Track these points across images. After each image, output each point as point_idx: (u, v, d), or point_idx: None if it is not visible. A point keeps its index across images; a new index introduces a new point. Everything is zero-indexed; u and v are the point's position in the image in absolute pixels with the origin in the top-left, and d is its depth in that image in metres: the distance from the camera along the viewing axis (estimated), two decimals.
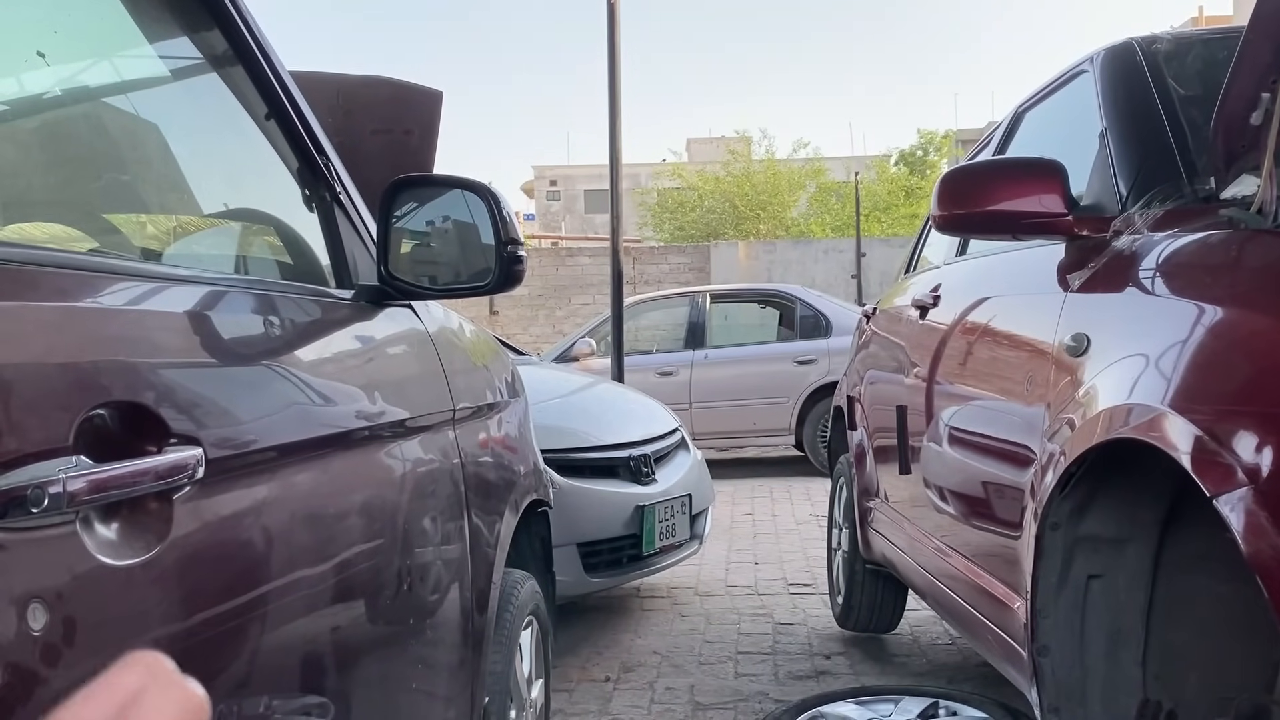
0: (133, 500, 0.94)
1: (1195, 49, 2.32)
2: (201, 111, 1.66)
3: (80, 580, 0.87)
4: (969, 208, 2.19)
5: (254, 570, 1.14)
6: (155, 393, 1.00)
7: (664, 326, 9.83)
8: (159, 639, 0.96)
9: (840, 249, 16.78)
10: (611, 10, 7.20)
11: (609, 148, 7.39)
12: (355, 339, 1.61)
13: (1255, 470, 1.25)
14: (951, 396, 2.69)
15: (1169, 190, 1.99)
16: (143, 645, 0.94)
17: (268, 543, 1.17)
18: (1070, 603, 1.85)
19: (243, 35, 1.47)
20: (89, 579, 0.88)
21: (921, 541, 2.93)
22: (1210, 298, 1.60)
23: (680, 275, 16.09)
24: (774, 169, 28.83)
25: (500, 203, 1.75)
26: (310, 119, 1.62)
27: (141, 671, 0.24)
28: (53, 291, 0.96)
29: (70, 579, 0.86)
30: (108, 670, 0.23)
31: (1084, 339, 1.87)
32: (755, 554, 5.69)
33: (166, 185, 1.66)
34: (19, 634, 0.79)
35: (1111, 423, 1.61)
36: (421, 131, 2.82)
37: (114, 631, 0.91)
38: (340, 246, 1.68)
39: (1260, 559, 1.22)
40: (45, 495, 0.82)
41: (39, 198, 1.41)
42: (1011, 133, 3.10)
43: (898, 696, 3.19)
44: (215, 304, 1.23)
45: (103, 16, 1.43)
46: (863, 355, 4.00)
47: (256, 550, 1.15)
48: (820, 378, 8.70)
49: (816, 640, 4.11)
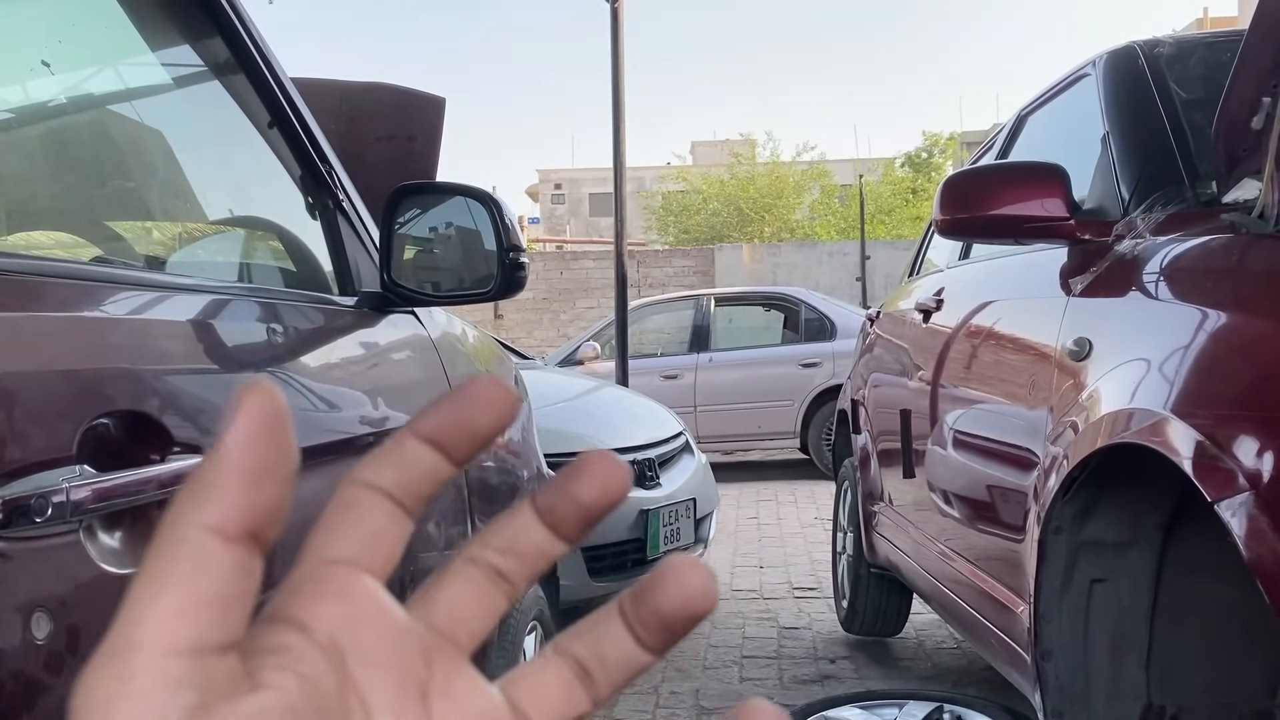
0: (136, 509, 0.95)
1: (1197, 52, 2.32)
2: (205, 119, 1.67)
3: (84, 589, 0.87)
4: (971, 212, 2.20)
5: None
6: (158, 401, 1.01)
7: (668, 330, 9.83)
8: None
9: (845, 252, 16.76)
10: (615, 15, 7.21)
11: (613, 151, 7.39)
12: (359, 346, 1.62)
13: (1256, 475, 1.25)
14: (955, 400, 2.69)
15: (1171, 194, 1.99)
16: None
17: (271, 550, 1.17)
18: (1074, 607, 1.85)
19: (245, 43, 1.47)
20: (93, 588, 0.88)
21: (926, 545, 2.93)
22: (1212, 302, 1.60)
23: (685, 278, 16.08)
24: (778, 172, 28.82)
25: (502, 210, 1.75)
26: (313, 126, 1.63)
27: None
28: (56, 301, 0.97)
29: (74, 588, 0.86)
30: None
31: (1086, 343, 1.87)
32: (760, 558, 5.69)
33: (170, 193, 1.67)
34: (23, 643, 0.79)
35: (1114, 427, 1.61)
36: (424, 138, 2.82)
37: None
38: (343, 253, 1.68)
39: (1261, 564, 1.22)
40: (49, 504, 0.82)
41: (45, 205, 1.42)
42: (1014, 136, 3.10)
43: (903, 700, 3.19)
44: (218, 312, 1.24)
45: (106, 26, 1.44)
46: (867, 359, 4.00)
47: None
48: (825, 381, 8.70)
49: (821, 644, 4.10)
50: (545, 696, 0.27)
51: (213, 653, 0.21)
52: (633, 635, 0.27)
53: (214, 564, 0.21)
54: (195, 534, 0.21)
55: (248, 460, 0.21)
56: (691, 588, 0.26)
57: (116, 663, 0.20)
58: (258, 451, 0.21)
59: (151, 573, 0.21)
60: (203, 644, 0.21)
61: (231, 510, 0.21)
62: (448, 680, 0.26)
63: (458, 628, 0.27)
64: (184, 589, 0.21)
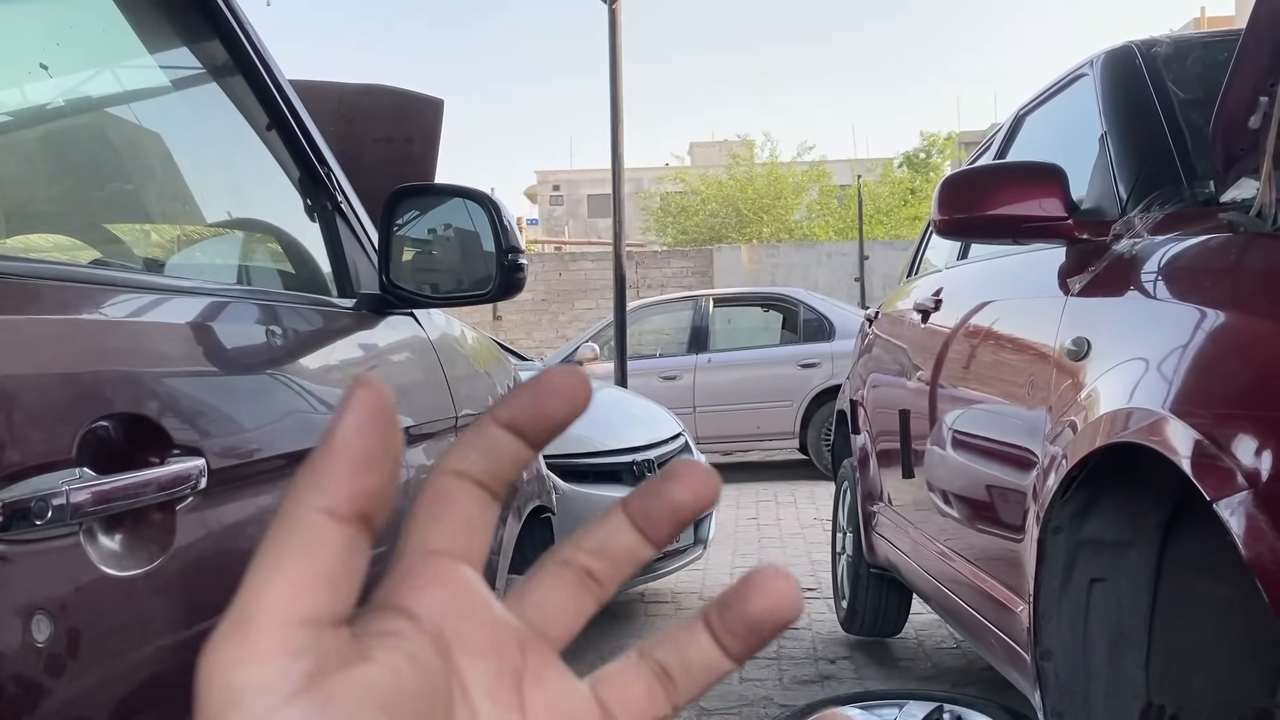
0: (136, 511, 0.95)
1: (1194, 52, 2.32)
2: (203, 122, 1.67)
3: (84, 591, 0.87)
4: (970, 212, 2.20)
5: None
6: (158, 404, 1.01)
7: (667, 330, 9.83)
8: (163, 649, 0.97)
9: (843, 252, 16.77)
10: (613, 16, 7.21)
11: (611, 152, 7.40)
12: (357, 348, 1.62)
13: (1255, 474, 1.26)
14: (954, 400, 2.70)
15: (1169, 194, 1.99)
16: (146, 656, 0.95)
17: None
18: (1073, 606, 1.85)
19: (243, 45, 1.47)
20: (93, 590, 0.88)
21: (925, 545, 2.93)
22: (1210, 301, 1.60)
23: (683, 279, 16.08)
24: (777, 173, 28.83)
25: (501, 211, 1.75)
26: (311, 128, 1.63)
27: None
28: (55, 304, 0.97)
29: (74, 590, 0.86)
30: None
31: (1085, 343, 1.87)
32: (760, 558, 5.68)
33: (168, 195, 1.67)
34: (23, 645, 0.79)
35: (1112, 426, 1.62)
36: (423, 139, 2.82)
37: (118, 642, 0.91)
38: (342, 255, 1.69)
39: (1260, 562, 1.22)
40: (49, 507, 0.83)
41: (44, 208, 1.42)
42: (1012, 136, 3.11)
43: (902, 700, 3.19)
44: (217, 314, 1.24)
45: (104, 29, 1.44)
46: (865, 359, 4.00)
47: None
48: (824, 381, 8.70)
49: (821, 644, 4.11)
50: (629, 696, 0.28)
51: (327, 625, 0.22)
52: (717, 642, 0.29)
53: (327, 542, 0.23)
54: (310, 515, 0.23)
55: (358, 448, 0.23)
56: (778, 594, 0.28)
57: (239, 631, 0.22)
58: (366, 440, 0.23)
59: (271, 550, 0.22)
60: (318, 616, 0.22)
61: (343, 494, 0.23)
62: (540, 671, 0.28)
63: (549, 625, 0.28)
64: (300, 565, 0.22)
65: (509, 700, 0.26)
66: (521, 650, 0.27)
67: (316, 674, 0.22)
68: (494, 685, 0.26)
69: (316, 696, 0.22)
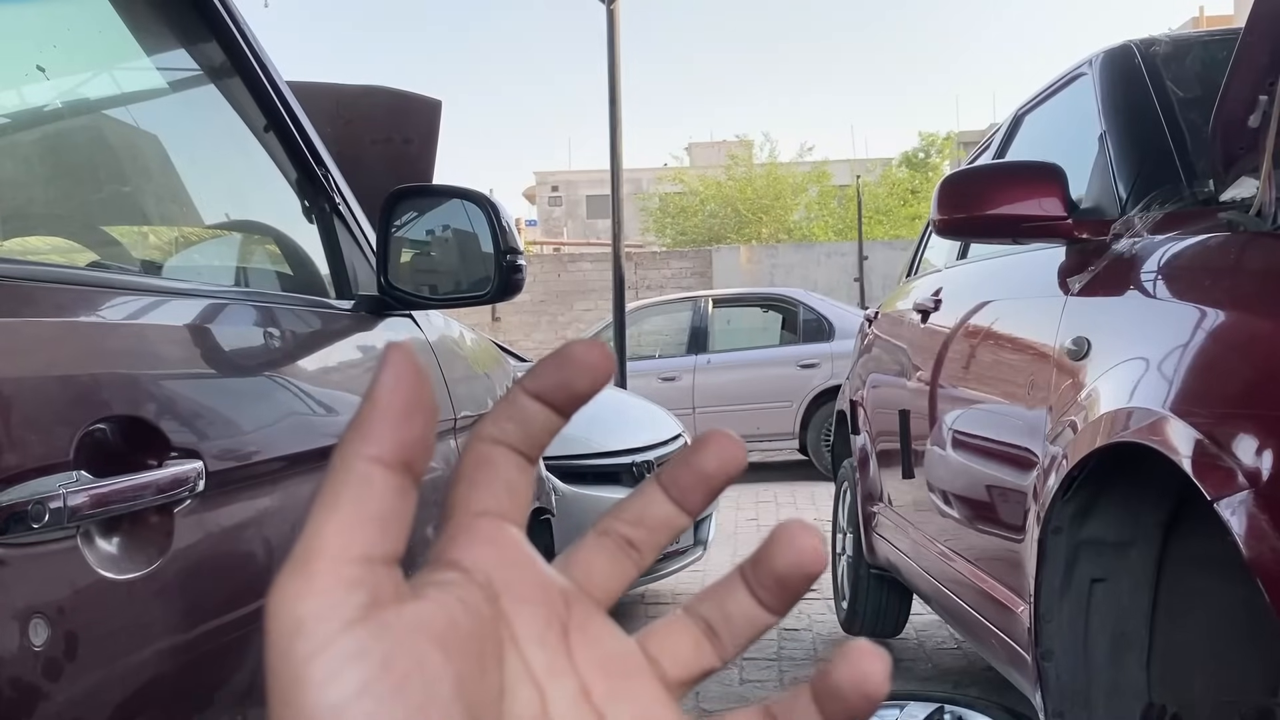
0: (133, 514, 0.94)
1: (1193, 51, 2.32)
2: (201, 123, 1.66)
3: (82, 595, 0.87)
4: (969, 212, 2.20)
5: (256, 582, 1.14)
6: (155, 406, 1.01)
7: (666, 331, 9.82)
8: (161, 652, 0.96)
9: (842, 252, 16.77)
10: (611, 17, 7.21)
11: (610, 153, 7.40)
12: (356, 349, 1.61)
13: (1255, 474, 1.25)
14: (954, 400, 2.69)
15: (1168, 193, 1.99)
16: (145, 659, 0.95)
17: (269, 554, 1.17)
18: (1074, 606, 1.85)
19: (240, 47, 1.47)
20: (90, 593, 0.88)
21: (925, 546, 2.93)
22: (1210, 301, 1.60)
23: (682, 280, 16.09)
24: (776, 173, 28.83)
25: (499, 212, 1.75)
26: (309, 130, 1.62)
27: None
28: (52, 306, 0.97)
29: (72, 593, 0.86)
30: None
31: (1084, 342, 1.87)
32: None
33: (166, 197, 1.67)
34: (21, 649, 0.79)
35: (1113, 426, 1.61)
36: (421, 140, 2.82)
37: (116, 646, 0.91)
38: (340, 257, 1.68)
39: (1261, 562, 1.22)
40: (46, 510, 0.82)
41: (41, 210, 1.42)
42: (1011, 136, 3.10)
43: (903, 701, 3.18)
44: (215, 316, 1.24)
45: (101, 31, 1.44)
46: (865, 359, 4.00)
47: (258, 562, 1.15)
48: (823, 381, 8.70)
49: (822, 645, 4.10)
50: (676, 648, 0.30)
51: (380, 563, 0.24)
52: (754, 597, 0.30)
53: (376, 487, 0.24)
54: (359, 464, 0.24)
55: (397, 401, 0.25)
56: (800, 550, 0.29)
57: (300, 567, 0.24)
58: (404, 394, 0.25)
59: (325, 496, 0.24)
60: (371, 555, 0.24)
61: (387, 442, 0.25)
62: (586, 622, 0.29)
63: (593, 586, 0.30)
64: (353, 508, 0.24)
65: (557, 646, 0.28)
66: (567, 604, 0.29)
67: (372, 605, 0.24)
68: (542, 630, 0.28)
69: (373, 625, 0.23)
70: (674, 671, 0.30)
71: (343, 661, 0.23)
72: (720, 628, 0.30)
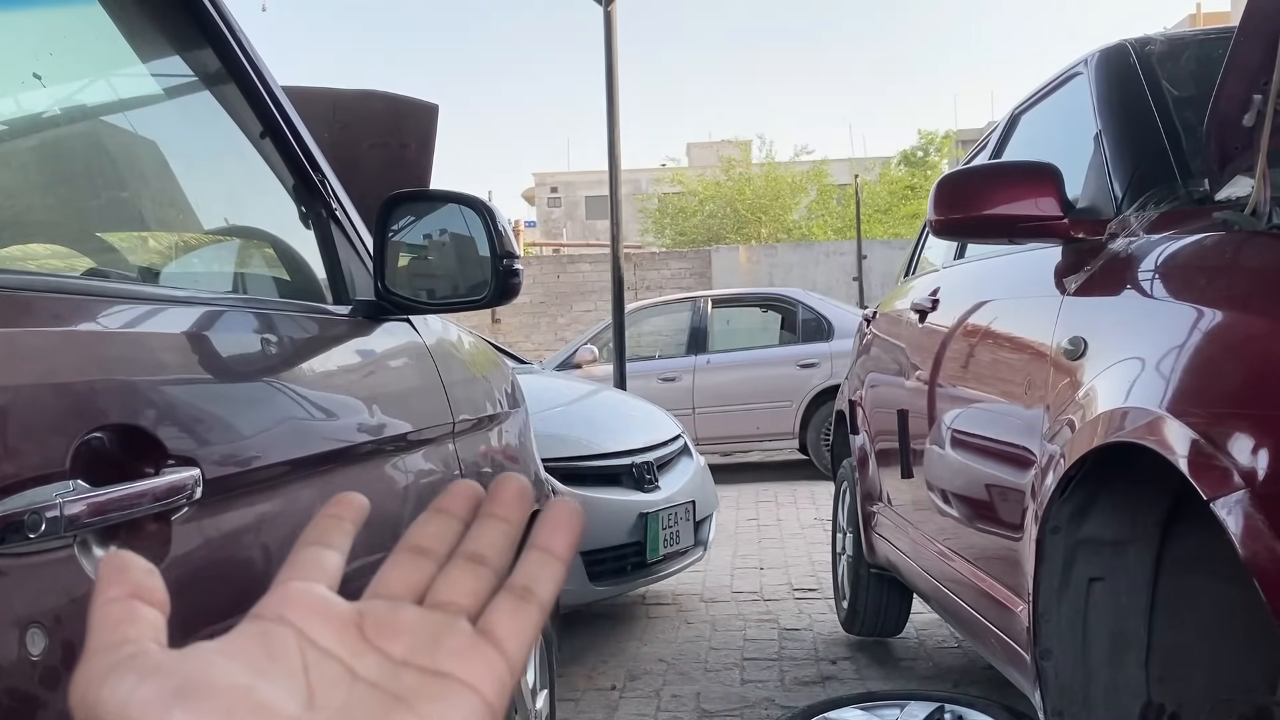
0: (131, 522, 0.94)
1: (1189, 50, 2.32)
2: (197, 129, 1.67)
3: (79, 604, 0.87)
4: (965, 212, 2.20)
5: (255, 589, 1.14)
6: (152, 414, 1.01)
7: (666, 332, 9.83)
8: None
9: (841, 252, 16.77)
10: (609, 19, 7.21)
11: (608, 155, 7.40)
12: (353, 354, 1.62)
13: (1252, 473, 1.26)
14: (952, 400, 2.70)
15: (1164, 192, 1.99)
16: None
17: (268, 561, 1.17)
18: (1072, 606, 1.85)
19: (235, 53, 1.47)
20: (87, 603, 0.88)
21: (924, 545, 2.94)
22: (1206, 300, 1.60)
23: (681, 280, 16.09)
24: (774, 173, 28.83)
25: (496, 216, 1.75)
26: (305, 135, 1.63)
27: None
28: (49, 314, 0.97)
29: (69, 603, 0.86)
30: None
31: (1081, 342, 1.87)
32: (760, 559, 5.68)
33: (164, 203, 1.67)
34: (18, 659, 0.79)
35: (1109, 426, 1.62)
36: (418, 144, 2.82)
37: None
38: (337, 262, 1.68)
39: (1257, 561, 1.22)
40: (43, 520, 0.82)
41: (39, 218, 1.42)
42: (1008, 135, 3.11)
43: (904, 701, 3.19)
44: (212, 323, 1.24)
45: (97, 38, 1.44)
46: (863, 359, 4.00)
47: (257, 569, 1.15)
48: (823, 381, 8.70)
49: (822, 645, 4.10)
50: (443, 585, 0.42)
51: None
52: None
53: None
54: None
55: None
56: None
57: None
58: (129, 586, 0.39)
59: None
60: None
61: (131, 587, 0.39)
62: (383, 622, 0.39)
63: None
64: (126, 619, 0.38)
65: (356, 638, 0.37)
66: (361, 615, 0.39)
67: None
68: (339, 632, 0.37)
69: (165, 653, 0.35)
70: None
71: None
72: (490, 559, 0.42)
